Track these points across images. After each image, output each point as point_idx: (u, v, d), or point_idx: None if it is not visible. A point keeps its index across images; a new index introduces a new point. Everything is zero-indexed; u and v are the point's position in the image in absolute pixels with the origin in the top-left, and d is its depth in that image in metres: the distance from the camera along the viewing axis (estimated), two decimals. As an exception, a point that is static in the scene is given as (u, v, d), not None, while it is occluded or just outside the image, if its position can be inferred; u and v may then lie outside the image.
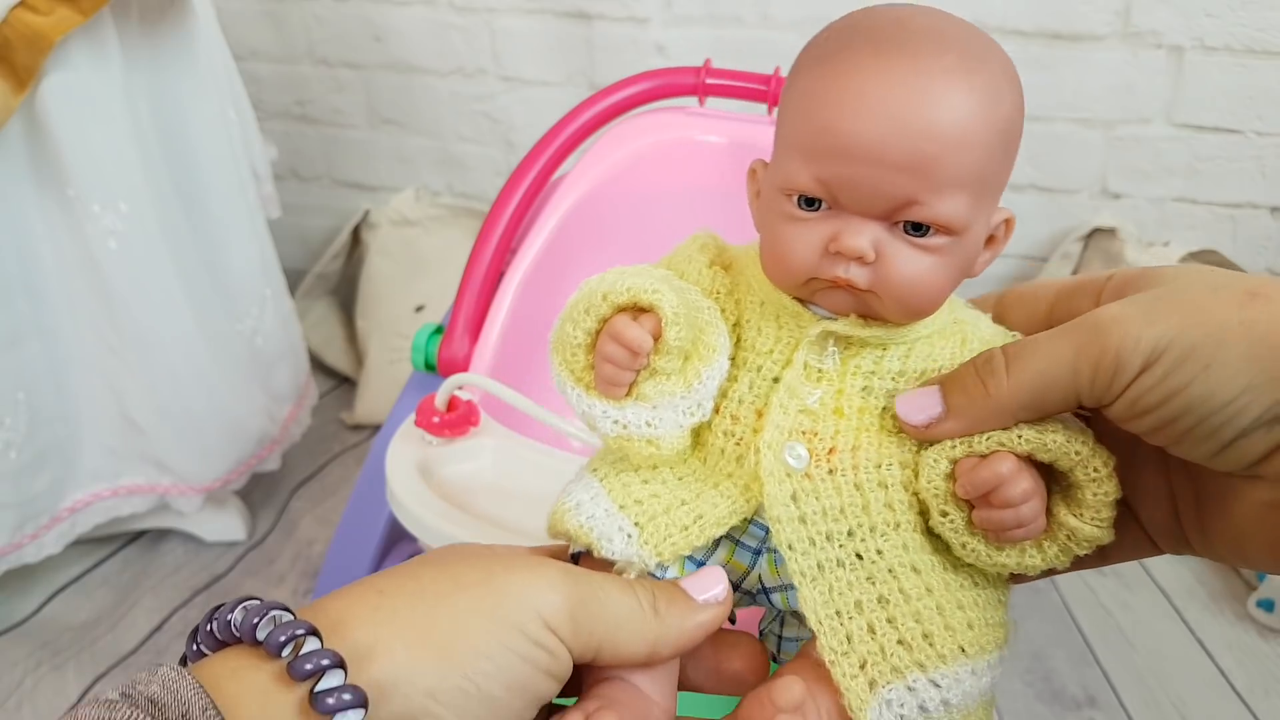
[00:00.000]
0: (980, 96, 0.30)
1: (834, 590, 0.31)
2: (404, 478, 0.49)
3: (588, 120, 0.69)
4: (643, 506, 0.32)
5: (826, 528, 0.31)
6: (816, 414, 0.32)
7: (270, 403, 1.07)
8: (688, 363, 0.32)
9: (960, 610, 0.31)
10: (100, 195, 0.83)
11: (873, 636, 0.30)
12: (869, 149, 0.29)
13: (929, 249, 0.31)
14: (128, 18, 0.85)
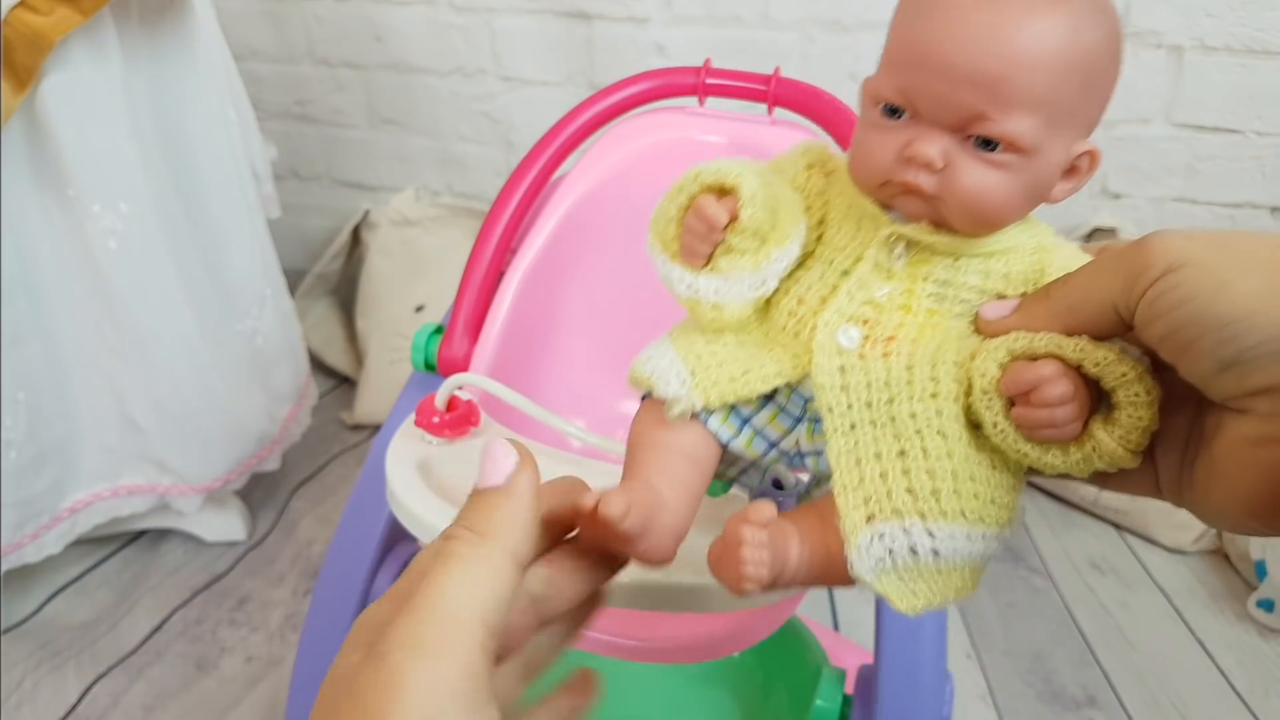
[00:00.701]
0: (1057, 26, 0.32)
1: (859, 443, 0.34)
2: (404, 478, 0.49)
3: (588, 120, 0.69)
4: (700, 359, 0.37)
5: (868, 397, 0.34)
6: (882, 306, 0.35)
7: (270, 402, 1.07)
8: (763, 245, 0.36)
9: (972, 481, 0.33)
10: (100, 195, 0.83)
11: (883, 481, 0.33)
12: (941, 62, 0.33)
13: (996, 164, 0.33)
14: (128, 18, 0.85)
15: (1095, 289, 0.31)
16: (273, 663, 0.93)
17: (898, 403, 0.34)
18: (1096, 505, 1.17)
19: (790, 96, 0.68)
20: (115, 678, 0.91)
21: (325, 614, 0.63)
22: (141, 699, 0.88)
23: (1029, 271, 0.35)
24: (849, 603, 1.03)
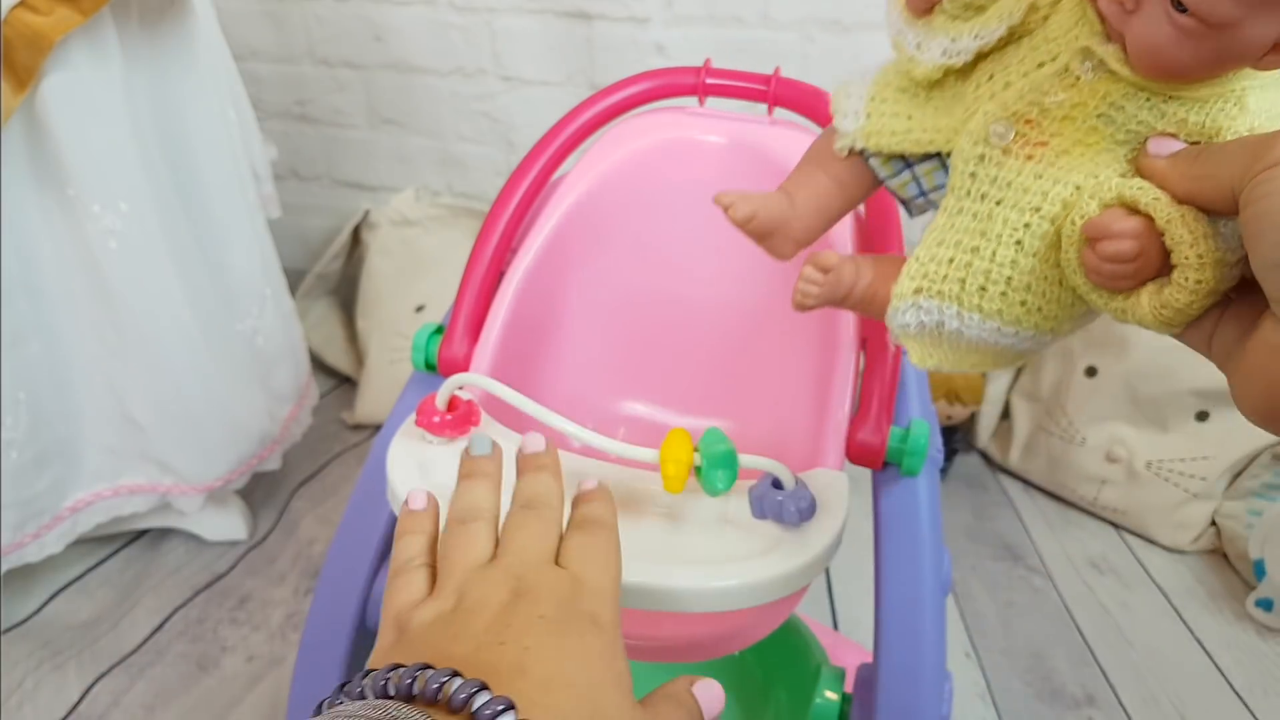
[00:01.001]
0: None
1: (953, 226, 0.38)
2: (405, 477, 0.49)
3: (588, 120, 0.69)
4: (881, 104, 0.41)
5: (985, 190, 0.37)
6: (1049, 111, 0.36)
7: (271, 402, 1.07)
8: (973, 19, 0.38)
9: (1026, 292, 0.36)
10: (100, 195, 0.83)
11: (947, 265, 0.37)
12: None
13: (1179, 26, 0.32)
14: (128, 18, 0.85)
15: (1226, 165, 0.31)
16: (274, 662, 0.93)
17: (1004, 205, 0.36)
18: (1096, 505, 1.18)
19: (790, 96, 0.68)
20: (116, 677, 0.91)
21: (326, 613, 0.63)
22: (143, 698, 0.88)
23: (1207, 124, 0.34)
24: (848, 602, 1.03)
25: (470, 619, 0.32)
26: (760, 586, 0.44)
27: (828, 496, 0.47)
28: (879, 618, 0.55)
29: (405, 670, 0.29)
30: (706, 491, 0.47)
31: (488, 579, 0.34)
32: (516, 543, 0.36)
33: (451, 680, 0.28)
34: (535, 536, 0.36)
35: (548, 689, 0.29)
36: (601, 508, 0.39)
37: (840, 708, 0.57)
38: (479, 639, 0.31)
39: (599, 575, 0.35)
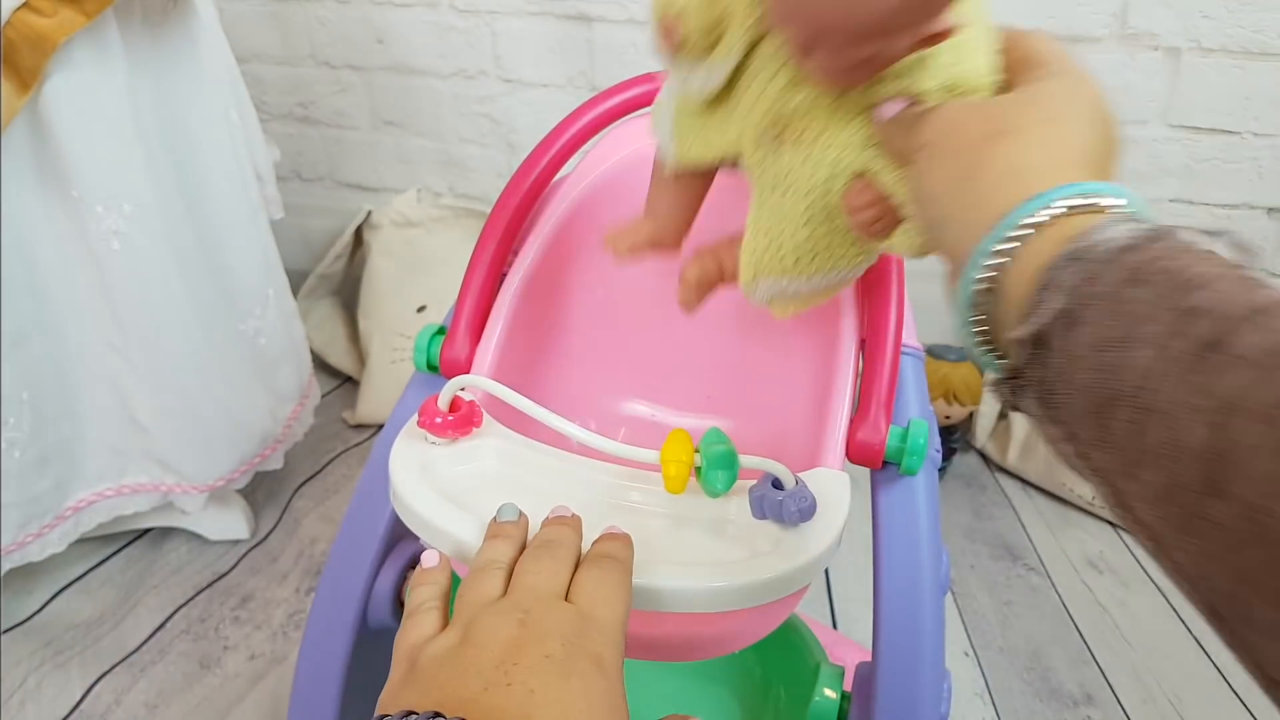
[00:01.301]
0: None
1: (759, 216, 0.45)
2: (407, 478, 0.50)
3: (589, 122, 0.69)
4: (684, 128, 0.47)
5: (773, 181, 0.44)
6: (798, 109, 0.42)
7: (273, 402, 1.08)
8: (708, 52, 0.42)
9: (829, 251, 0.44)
10: (104, 196, 0.83)
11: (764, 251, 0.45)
12: None
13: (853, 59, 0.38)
14: (131, 20, 0.85)
15: (904, 139, 0.37)
16: (276, 660, 0.93)
17: (789, 193, 0.43)
18: (1094, 504, 1.18)
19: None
20: (119, 676, 0.91)
21: (328, 612, 0.63)
22: (145, 697, 0.89)
23: (912, 87, 0.39)
24: (848, 601, 1.03)
25: (479, 654, 0.33)
26: (760, 587, 0.44)
27: (828, 496, 0.48)
28: (878, 616, 0.56)
29: (417, 717, 0.30)
30: (707, 492, 0.47)
31: (496, 612, 0.35)
32: (528, 578, 0.37)
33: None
34: (546, 573, 0.37)
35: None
36: (618, 547, 0.40)
37: (839, 706, 0.57)
38: (486, 678, 0.32)
39: (607, 612, 0.36)
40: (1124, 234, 0.28)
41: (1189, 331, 0.24)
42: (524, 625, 0.34)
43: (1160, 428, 0.24)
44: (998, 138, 0.33)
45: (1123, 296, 0.26)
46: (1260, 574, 0.22)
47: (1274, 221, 1.22)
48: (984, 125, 0.34)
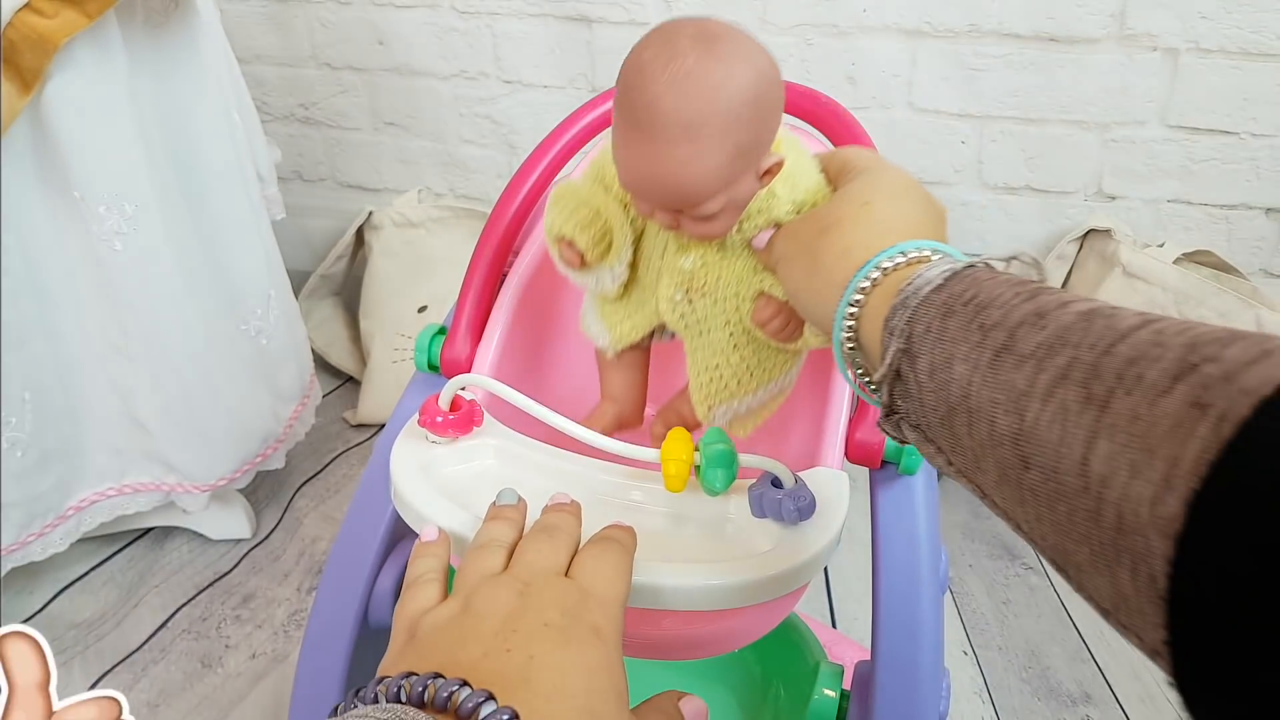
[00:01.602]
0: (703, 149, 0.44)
1: (698, 359, 0.54)
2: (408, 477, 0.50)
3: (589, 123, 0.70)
4: (611, 318, 0.56)
5: (698, 328, 0.52)
6: (692, 272, 0.52)
7: (275, 402, 1.08)
8: (605, 256, 0.53)
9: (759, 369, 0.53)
10: (106, 197, 0.84)
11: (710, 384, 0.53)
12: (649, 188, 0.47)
13: (710, 219, 0.47)
14: (133, 21, 0.86)
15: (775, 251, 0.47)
16: (277, 659, 0.94)
17: (711, 331, 0.52)
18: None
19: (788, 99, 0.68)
20: (120, 674, 0.92)
21: (329, 610, 0.64)
22: (146, 696, 0.89)
23: (770, 217, 0.48)
24: (847, 600, 1.04)
25: (479, 623, 0.33)
26: (760, 585, 0.44)
27: (827, 495, 0.48)
28: (877, 615, 0.56)
29: (418, 679, 0.30)
30: (706, 491, 0.47)
31: (496, 584, 0.35)
32: (528, 555, 0.37)
33: (461, 689, 0.29)
34: (546, 552, 0.38)
35: (550, 700, 0.30)
36: (620, 532, 0.40)
37: (838, 705, 0.57)
38: (486, 644, 0.32)
39: (606, 587, 0.36)
40: (936, 276, 0.34)
41: (986, 343, 0.31)
42: (523, 596, 0.34)
43: (983, 424, 0.30)
44: (826, 232, 0.41)
45: (940, 327, 0.33)
46: (1068, 523, 0.27)
47: (1272, 221, 1.22)
48: (814, 227, 0.43)
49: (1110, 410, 0.26)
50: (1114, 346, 0.27)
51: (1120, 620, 0.26)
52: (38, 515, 0.92)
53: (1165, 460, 0.23)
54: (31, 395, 0.88)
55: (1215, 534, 0.22)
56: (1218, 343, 0.25)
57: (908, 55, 1.20)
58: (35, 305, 0.87)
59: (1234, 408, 0.22)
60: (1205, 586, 0.22)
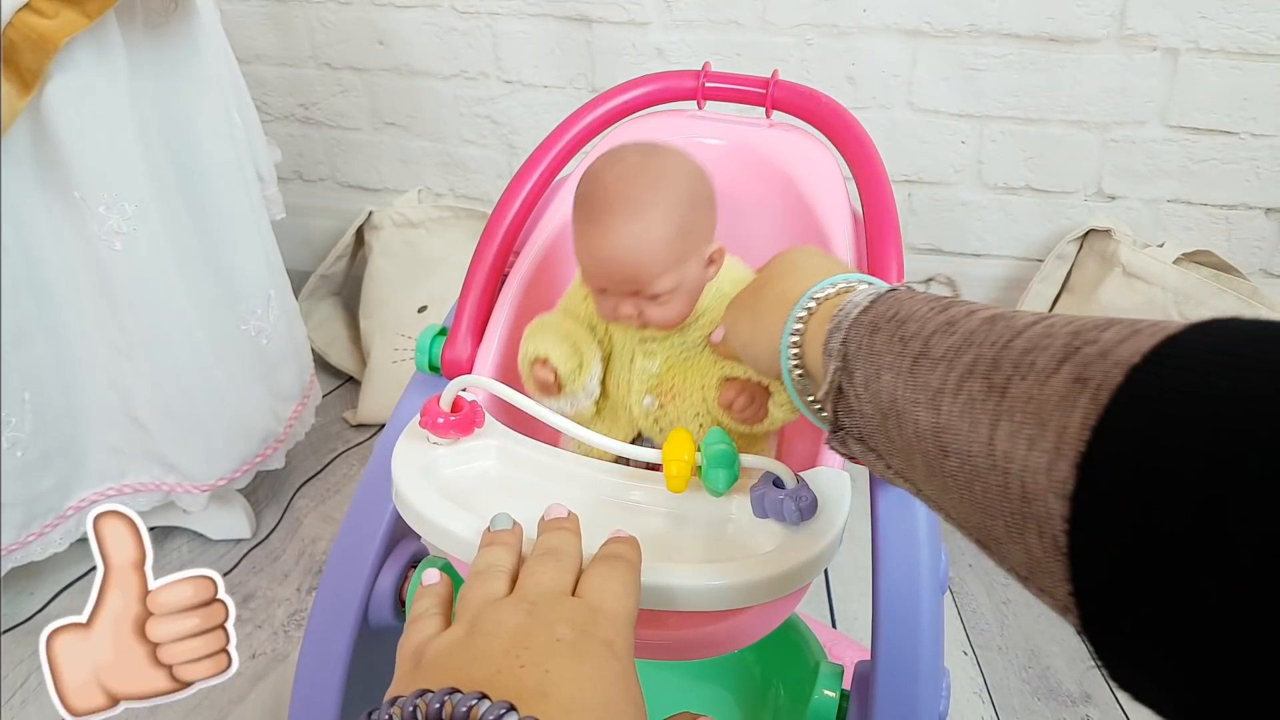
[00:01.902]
0: (649, 228, 0.53)
1: None
2: (408, 478, 0.50)
3: (589, 124, 0.70)
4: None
5: (672, 427, 0.56)
6: (659, 375, 0.58)
7: (275, 402, 1.08)
8: (578, 377, 0.58)
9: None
10: (105, 196, 0.84)
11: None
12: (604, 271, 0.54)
13: (663, 301, 0.55)
14: (133, 21, 0.86)
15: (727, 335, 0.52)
16: (277, 659, 0.94)
17: (684, 422, 0.58)
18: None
19: (788, 99, 0.69)
20: (121, 675, 0.91)
21: (329, 610, 0.64)
22: (147, 696, 0.89)
23: (716, 312, 0.56)
24: (846, 600, 1.04)
25: (489, 642, 0.33)
26: (762, 585, 0.44)
27: (829, 495, 0.48)
28: (877, 615, 0.56)
29: (433, 695, 0.29)
30: (708, 491, 0.47)
31: (501, 606, 0.35)
32: (532, 578, 0.37)
33: (480, 702, 0.29)
34: (551, 573, 0.37)
35: (570, 712, 0.30)
36: (625, 548, 0.40)
37: (838, 705, 0.57)
38: (498, 662, 0.32)
39: (615, 603, 0.36)
40: (862, 300, 0.39)
41: (906, 352, 0.34)
42: (531, 615, 0.34)
43: (908, 424, 0.34)
44: (762, 289, 0.47)
45: (869, 344, 0.37)
46: (984, 500, 0.30)
47: (1272, 221, 1.22)
48: (751, 290, 0.49)
49: (1009, 395, 0.29)
50: (1011, 342, 0.30)
51: (1036, 584, 0.28)
52: (38, 515, 0.92)
53: (1055, 431, 0.26)
54: (31, 395, 0.88)
55: (1101, 490, 0.25)
56: (1097, 328, 0.28)
57: (908, 55, 1.21)
58: (35, 305, 0.87)
59: (1108, 378, 0.25)
60: (1097, 539, 0.25)
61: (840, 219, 0.64)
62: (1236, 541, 0.21)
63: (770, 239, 0.68)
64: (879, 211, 0.62)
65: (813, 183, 0.65)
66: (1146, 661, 0.24)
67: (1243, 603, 0.21)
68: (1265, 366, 0.22)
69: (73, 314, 0.90)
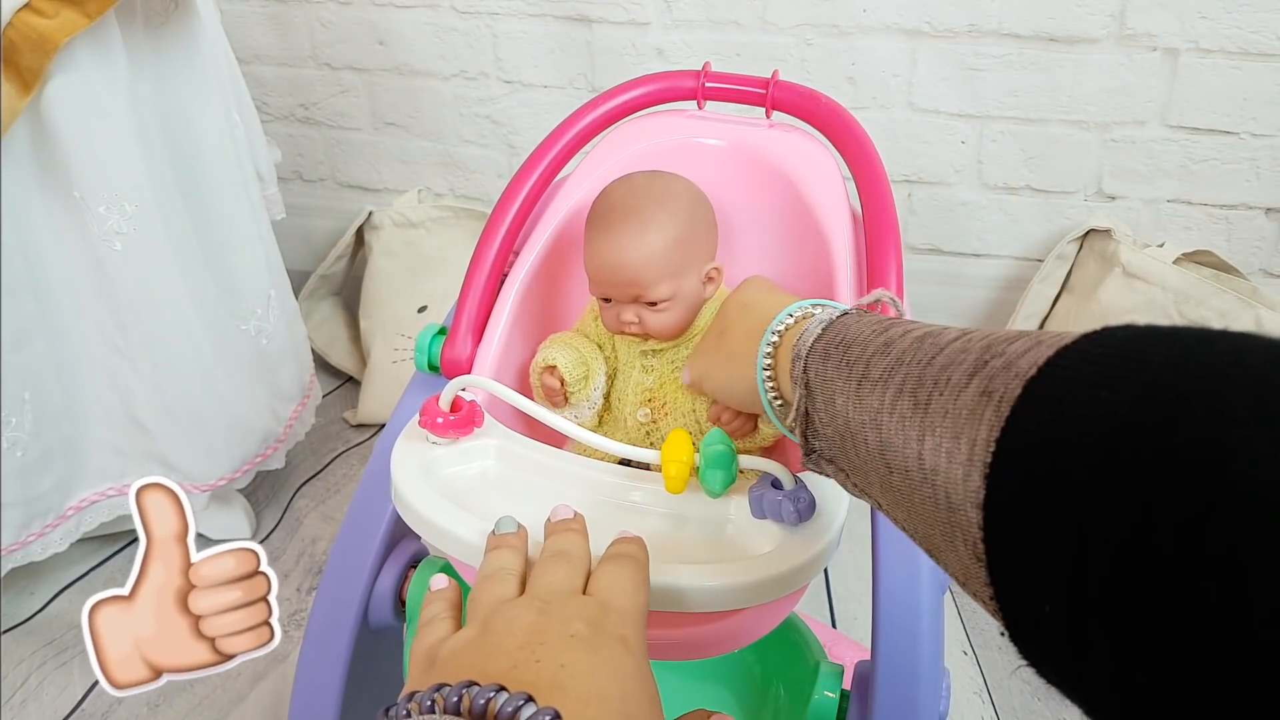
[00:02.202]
0: (655, 236, 0.58)
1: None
2: (408, 478, 0.50)
3: (589, 124, 0.70)
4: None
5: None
6: (653, 388, 0.62)
7: (275, 402, 1.08)
8: (584, 387, 0.61)
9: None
10: (106, 196, 0.84)
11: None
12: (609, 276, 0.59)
13: (663, 309, 0.59)
14: (133, 21, 0.86)
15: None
16: (277, 659, 0.94)
17: None
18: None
19: (788, 99, 0.69)
20: (121, 675, 0.91)
21: (329, 610, 0.64)
22: (146, 696, 0.89)
23: None
24: (846, 599, 1.04)
25: (503, 639, 0.33)
26: (760, 585, 0.44)
27: (827, 496, 0.48)
28: (877, 615, 0.56)
29: (450, 689, 0.29)
30: (707, 492, 0.47)
31: (514, 605, 0.35)
32: (543, 579, 0.37)
33: (499, 694, 0.29)
34: (562, 574, 0.37)
35: (588, 704, 0.30)
36: (634, 547, 0.40)
37: (838, 705, 0.57)
38: (514, 657, 0.32)
39: (625, 601, 0.36)
40: (815, 328, 0.40)
41: (852, 375, 0.36)
42: (544, 613, 0.34)
43: (860, 443, 0.35)
44: (724, 334, 0.50)
45: (822, 370, 0.38)
46: (923, 511, 0.31)
47: (1272, 221, 1.22)
48: (712, 337, 0.52)
49: (930, 410, 0.30)
50: (934, 359, 0.32)
51: (970, 590, 0.29)
52: (38, 515, 0.92)
53: (968, 443, 0.28)
54: (31, 395, 0.88)
55: (1005, 498, 0.26)
56: (1006, 341, 0.29)
57: (908, 55, 1.20)
58: (35, 305, 0.87)
59: (1010, 390, 0.27)
60: (1007, 545, 0.26)
61: (840, 219, 0.64)
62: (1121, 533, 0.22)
63: (770, 239, 0.68)
64: (879, 212, 0.62)
65: (812, 183, 0.65)
66: (1054, 657, 0.25)
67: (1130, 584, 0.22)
68: (1144, 369, 0.24)
69: (73, 314, 0.90)
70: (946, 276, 1.35)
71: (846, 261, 0.62)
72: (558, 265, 0.67)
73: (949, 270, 1.34)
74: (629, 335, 0.61)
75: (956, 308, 1.36)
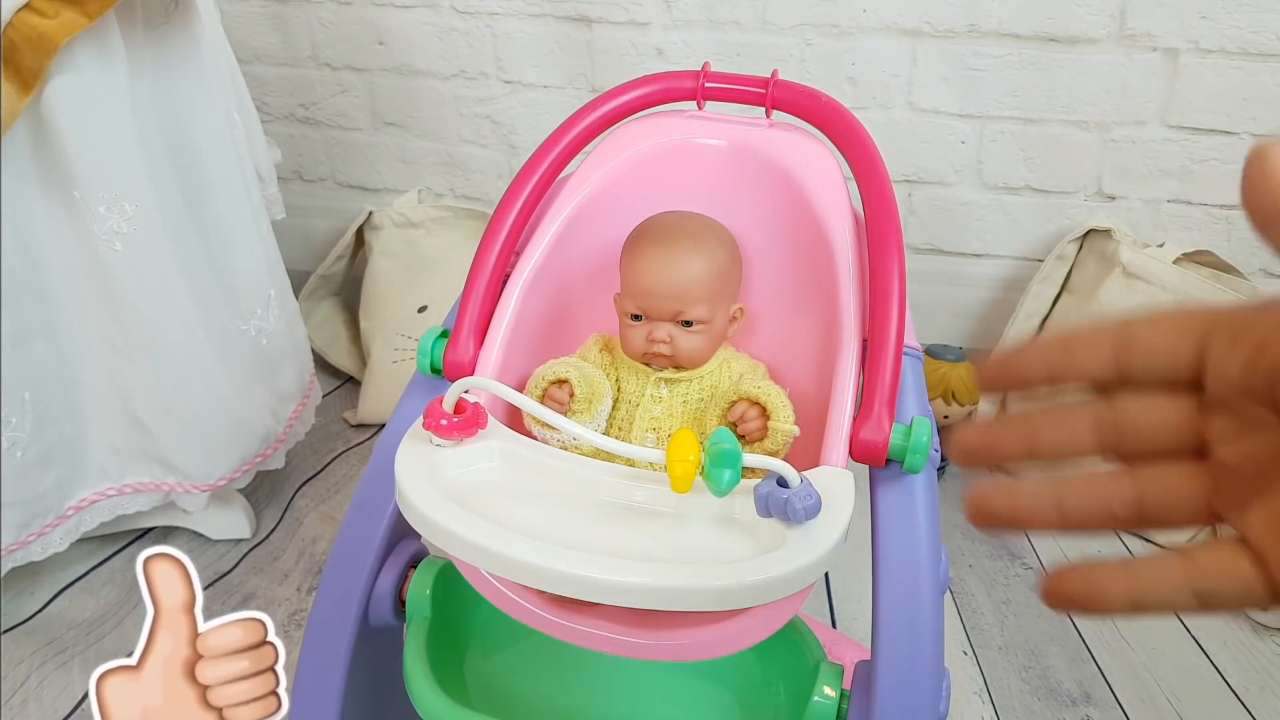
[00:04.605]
0: (702, 261, 0.61)
1: None
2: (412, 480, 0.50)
3: (589, 124, 0.70)
4: None
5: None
6: (661, 418, 0.63)
7: (275, 402, 1.08)
8: (590, 405, 0.61)
9: None
10: (106, 197, 0.84)
11: None
12: (654, 291, 0.61)
13: (695, 332, 0.62)
14: (133, 21, 0.86)
15: None
16: (277, 660, 0.94)
17: None
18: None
19: (788, 99, 0.69)
20: (121, 675, 0.91)
21: (329, 611, 0.64)
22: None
23: (724, 384, 0.63)
24: (847, 599, 1.04)
25: None
26: (766, 585, 0.44)
27: (832, 494, 0.48)
28: (877, 615, 0.56)
29: None
30: (712, 491, 0.47)
31: None
32: None
33: None
34: None
35: None
36: None
37: (838, 705, 0.57)
38: None
39: None
40: None
41: None
42: None
43: None
44: None
45: None
46: None
47: (1272, 222, 1.22)
48: None
49: None
50: None
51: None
52: (38, 515, 0.92)
53: None
54: (31, 395, 0.88)
55: None
56: None
57: (907, 55, 1.21)
58: (35, 305, 0.87)
59: None
60: None
61: (841, 219, 0.64)
62: None
63: (771, 239, 0.68)
64: (880, 212, 0.62)
65: (813, 183, 0.65)
66: None
67: None
68: None
69: (73, 314, 0.90)
70: (947, 276, 1.35)
71: (848, 262, 0.62)
72: (560, 265, 0.67)
73: (949, 270, 1.34)
74: (653, 356, 0.62)
75: (956, 308, 1.36)
